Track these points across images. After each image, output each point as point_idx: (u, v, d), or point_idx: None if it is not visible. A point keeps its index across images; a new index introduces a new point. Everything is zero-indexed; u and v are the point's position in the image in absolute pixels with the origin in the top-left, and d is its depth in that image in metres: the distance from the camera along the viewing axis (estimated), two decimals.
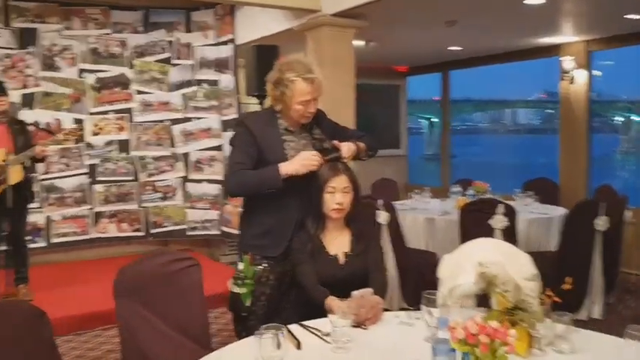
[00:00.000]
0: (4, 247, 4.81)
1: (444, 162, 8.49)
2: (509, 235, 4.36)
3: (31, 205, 5.77)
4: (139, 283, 2.44)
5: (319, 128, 2.75)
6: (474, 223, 4.47)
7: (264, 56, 4.80)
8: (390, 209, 4.70)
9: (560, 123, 6.90)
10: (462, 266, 2.76)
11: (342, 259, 2.56)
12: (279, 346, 1.81)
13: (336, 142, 2.63)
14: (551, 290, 2.12)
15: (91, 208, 6.28)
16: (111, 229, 6.39)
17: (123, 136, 6.38)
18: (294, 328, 2.20)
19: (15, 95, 5.86)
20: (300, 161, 2.53)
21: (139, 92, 6.42)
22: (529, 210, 5.06)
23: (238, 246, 2.74)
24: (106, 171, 6.35)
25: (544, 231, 4.84)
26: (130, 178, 6.43)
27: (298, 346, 2.03)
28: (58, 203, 6.15)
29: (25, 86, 5.95)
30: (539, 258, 4.52)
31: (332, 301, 2.37)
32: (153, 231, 6.46)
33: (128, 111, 6.39)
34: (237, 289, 2.58)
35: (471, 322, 1.54)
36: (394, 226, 4.71)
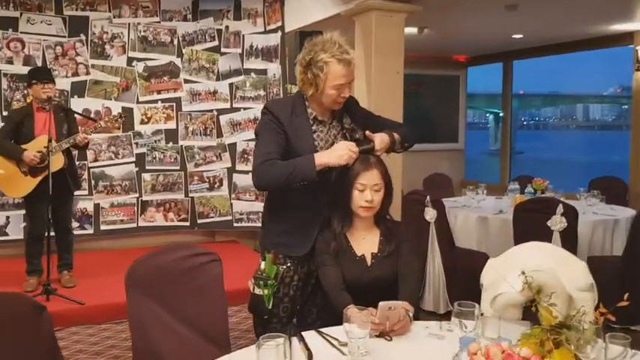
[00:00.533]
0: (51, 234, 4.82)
1: (503, 158, 8.05)
2: (569, 237, 3.99)
3: (80, 193, 5.92)
4: (152, 278, 2.29)
5: (350, 117, 2.51)
6: (529, 223, 4.12)
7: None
8: (439, 206, 4.41)
9: (632, 118, 6.36)
10: (508, 272, 2.48)
11: (369, 261, 2.33)
12: (285, 356, 1.61)
13: (368, 132, 2.38)
14: (604, 307, 1.80)
15: (138, 197, 6.27)
16: (158, 219, 6.36)
17: (170, 125, 6.33)
18: (310, 334, 1.99)
19: (65, 83, 5.92)
20: (337, 152, 2.29)
21: (187, 81, 6.35)
22: (593, 211, 4.65)
23: (261, 243, 2.54)
24: (154, 160, 6.31)
25: (609, 234, 4.42)
26: (177, 168, 6.37)
27: (309, 357, 1.82)
28: (107, 191, 6.16)
29: (75, 74, 5.97)
30: (600, 263, 4.18)
31: (351, 310, 2.15)
32: (199, 221, 6.40)
33: (176, 100, 6.32)
34: (258, 290, 2.39)
35: (496, 348, 1.28)
36: (442, 225, 4.42)
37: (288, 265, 2.44)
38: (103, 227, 6.15)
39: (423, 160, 7.91)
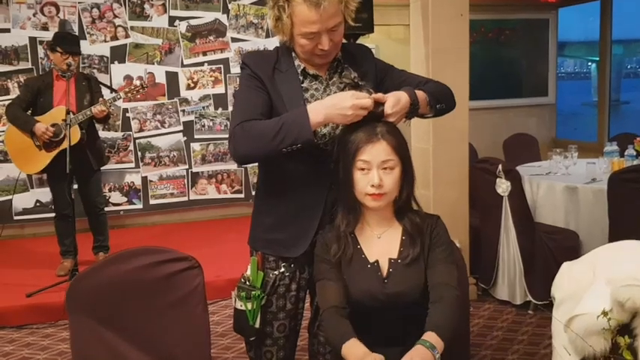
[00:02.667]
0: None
1: (601, 112, 6.93)
2: None
3: (126, 165, 5.59)
4: (102, 296, 1.76)
5: (358, 71, 1.83)
6: (629, 197, 3.28)
7: None
8: (514, 177, 3.63)
9: None
10: (591, 283, 1.76)
11: (385, 270, 1.67)
12: None
13: (375, 93, 1.68)
14: None
15: (188, 169, 5.85)
16: (210, 191, 5.95)
17: (219, 89, 5.82)
18: None
19: (104, 48, 5.53)
20: (340, 103, 1.61)
21: (235, 40, 5.79)
22: None
23: (249, 242, 1.94)
24: (203, 128, 5.85)
25: None
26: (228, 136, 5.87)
27: None
28: (155, 163, 5.78)
29: (114, 38, 5.56)
30: None
31: (350, 349, 1.52)
32: (254, 193, 5.91)
33: (224, 61, 5.80)
34: (239, 304, 1.81)
35: None
36: (518, 199, 3.64)
37: (282, 270, 1.84)
38: (152, 201, 5.81)
39: (507, 117, 6.98)
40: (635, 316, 1.63)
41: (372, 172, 1.61)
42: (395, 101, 1.65)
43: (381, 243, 1.69)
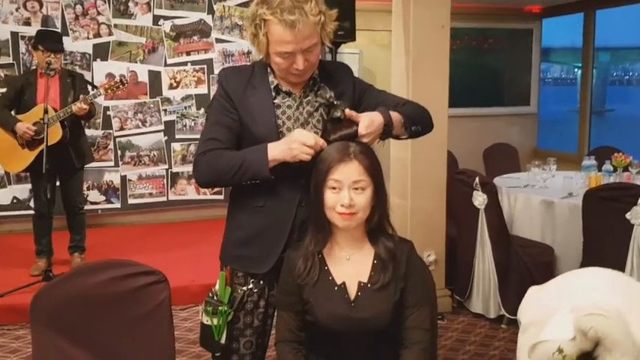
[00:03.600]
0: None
1: (582, 122, 6.99)
2: None
3: (106, 164, 5.54)
4: (65, 309, 1.74)
5: (335, 90, 1.83)
6: (602, 215, 3.30)
7: None
8: (490, 190, 3.65)
9: None
10: (556, 310, 1.77)
11: (353, 293, 1.67)
12: None
13: (349, 111, 1.69)
14: None
15: (168, 168, 5.81)
16: (189, 192, 5.91)
17: (202, 90, 5.79)
18: None
19: (87, 45, 5.47)
20: (286, 144, 1.68)
21: (219, 41, 5.76)
22: None
23: (220, 257, 1.93)
24: (184, 128, 5.82)
25: None
26: None
27: None
28: (134, 162, 5.74)
29: (97, 35, 5.50)
30: None
31: None
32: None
33: (207, 62, 5.76)
34: (206, 320, 1.80)
35: None
36: (495, 212, 3.66)
37: (250, 286, 1.83)
38: (130, 201, 5.76)
39: (489, 126, 7.01)
40: (598, 344, 1.65)
41: (343, 191, 1.61)
42: (369, 122, 1.66)
43: (350, 264, 1.69)
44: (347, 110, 1.67)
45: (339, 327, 1.65)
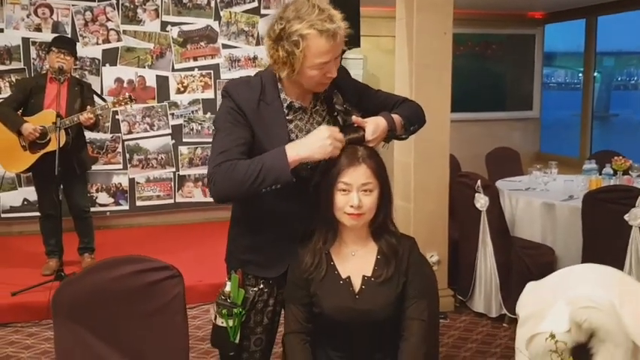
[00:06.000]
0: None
1: (584, 127, 7.07)
2: None
3: (114, 167, 5.65)
4: (85, 302, 1.84)
5: (342, 95, 1.90)
6: (602, 217, 3.38)
7: (340, 5, 3.91)
8: (492, 192, 3.74)
9: None
10: (553, 303, 1.85)
11: (357, 286, 1.76)
12: None
13: (355, 118, 1.78)
14: None
15: (175, 171, 5.91)
16: (196, 194, 6.01)
17: (208, 94, 5.89)
18: None
19: (96, 50, 5.58)
20: (318, 141, 1.67)
21: (226, 46, 5.87)
22: None
23: (226, 260, 2.00)
24: (191, 132, 5.92)
25: None
26: None
27: None
28: (142, 165, 5.84)
29: (106, 41, 5.62)
30: None
31: None
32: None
33: (214, 67, 5.87)
34: (220, 321, 1.87)
35: None
36: (496, 214, 3.75)
37: (261, 287, 1.91)
38: (138, 203, 5.86)
39: (491, 130, 7.10)
40: (592, 336, 1.73)
41: (352, 193, 1.69)
42: (375, 127, 1.75)
43: (355, 260, 1.78)
44: (354, 117, 1.76)
45: (344, 318, 1.73)
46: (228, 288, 1.88)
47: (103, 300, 1.83)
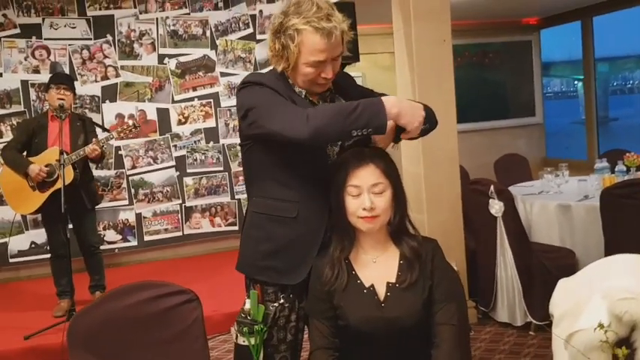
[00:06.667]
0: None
1: (589, 129, 7.03)
2: None
3: (120, 203, 5.60)
4: (100, 332, 1.76)
5: (345, 99, 1.87)
6: (620, 213, 3.30)
7: None
8: (506, 197, 3.66)
9: None
10: (588, 299, 1.77)
11: (382, 294, 1.68)
12: None
13: None
14: None
15: (181, 203, 5.86)
16: (204, 225, 5.94)
17: (210, 123, 5.87)
18: None
19: (95, 88, 5.58)
20: (413, 109, 1.66)
21: (224, 74, 5.86)
22: None
23: (241, 269, 1.92)
24: (195, 162, 5.88)
25: None
26: (221, 169, 5.92)
27: None
28: (148, 199, 5.79)
29: (105, 77, 5.61)
30: None
31: None
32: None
33: (214, 96, 5.86)
34: (242, 340, 1.80)
35: None
36: (512, 218, 3.66)
37: (281, 301, 1.84)
38: (147, 238, 5.79)
39: (496, 139, 7.06)
40: (634, 329, 1.65)
41: (363, 195, 1.63)
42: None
43: (377, 267, 1.70)
44: None
45: (370, 328, 1.65)
46: (247, 305, 1.82)
47: (118, 328, 1.76)
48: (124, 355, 1.76)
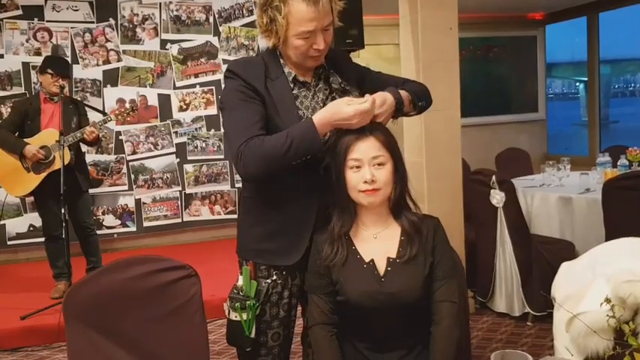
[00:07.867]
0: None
1: (591, 127, 7.00)
2: None
3: (120, 188, 5.58)
4: (99, 305, 1.74)
5: (340, 76, 1.85)
6: (623, 204, 3.28)
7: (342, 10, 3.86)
8: (508, 188, 3.64)
9: None
10: (592, 282, 1.76)
11: (382, 269, 1.66)
12: None
13: (359, 97, 1.71)
14: None
15: (181, 190, 5.84)
16: (204, 212, 5.93)
17: (211, 111, 5.85)
18: None
19: (96, 72, 5.56)
20: (342, 112, 1.62)
21: (227, 62, 5.83)
22: None
23: (238, 252, 1.91)
24: (196, 150, 5.86)
25: None
26: (221, 157, 5.91)
27: None
28: (148, 185, 5.77)
29: (106, 61, 5.59)
30: None
31: None
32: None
33: (216, 83, 5.83)
34: (234, 315, 1.79)
35: None
36: (513, 210, 3.65)
37: (274, 278, 1.82)
38: (146, 224, 5.78)
39: (498, 133, 7.03)
40: (637, 312, 1.63)
41: (364, 168, 1.62)
42: (382, 101, 1.68)
43: (377, 243, 1.69)
44: (357, 95, 1.72)
45: (369, 303, 1.63)
46: (240, 282, 1.81)
47: (117, 301, 1.74)
48: (121, 328, 1.74)
